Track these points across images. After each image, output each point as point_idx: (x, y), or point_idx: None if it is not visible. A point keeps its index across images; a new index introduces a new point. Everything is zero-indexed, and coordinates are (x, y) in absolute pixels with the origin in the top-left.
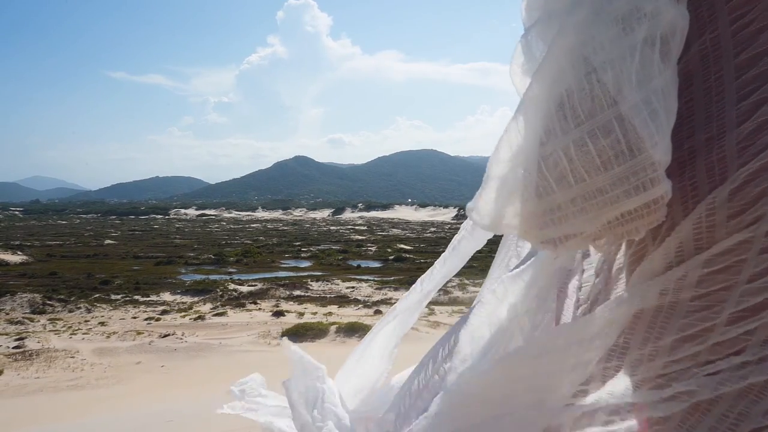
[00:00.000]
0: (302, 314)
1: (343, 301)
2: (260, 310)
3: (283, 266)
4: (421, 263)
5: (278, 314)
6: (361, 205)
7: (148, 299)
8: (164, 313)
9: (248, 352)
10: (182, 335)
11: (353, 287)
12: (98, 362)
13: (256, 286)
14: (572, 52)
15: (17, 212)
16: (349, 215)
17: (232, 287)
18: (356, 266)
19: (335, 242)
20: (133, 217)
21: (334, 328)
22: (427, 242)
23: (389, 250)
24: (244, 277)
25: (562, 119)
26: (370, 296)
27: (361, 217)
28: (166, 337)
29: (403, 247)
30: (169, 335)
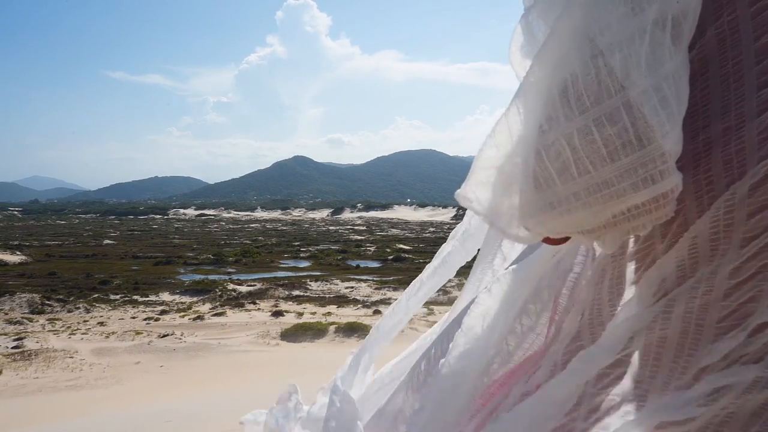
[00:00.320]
0: (301, 314)
1: (342, 301)
2: (259, 310)
3: (282, 266)
4: (420, 263)
5: (277, 314)
6: (360, 205)
7: (147, 299)
8: (163, 313)
9: (247, 352)
10: (181, 335)
11: (352, 287)
12: (97, 362)
13: (255, 286)
14: (577, 33)
15: (16, 212)
16: (348, 215)
17: (231, 287)
18: (355, 266)
19: (334, 242)
20: (132, 217)
21: (333, 328)
22: (426, 242)
23: (388, 250)
24: (243, 277)
25: (565, 105)
26: (369, 296)
27: (360, 217)
28: (165, 337)
29: (402, 247)
30: (168, 335)
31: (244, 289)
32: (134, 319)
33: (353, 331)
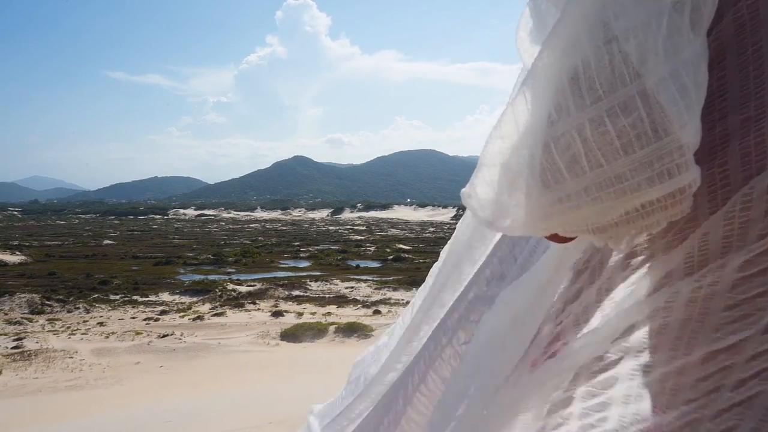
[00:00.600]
0: (301, 314)
1: (342, 301)
2: (259, 310)
3: (282, 266)
4: (420, 263)
5: (277, 314)
6: (360, 205)
7: (146, 299)
8: (163, 313)
9: (247, 352)
10: (181, 335)
11: (352, 287)
12: (97, 362)
13: (255, 286)
14: (589, 16)
15: (16, 212)
16: (348, 215)
17: (231, 287)
18: (355, 266)
19: (334, 242)
20: (131, 217)
21: (333, 328)
22: (426, 242)
23: (388, 250)
24: (243, 277)
25: (576, 94)
26: (369, 296)
27: (360, 217)
28: (164, 337)
29: (402, 247)
30: (167, 335)
31: (243, 289)
32: (134, 319)
33: (353, 331)
